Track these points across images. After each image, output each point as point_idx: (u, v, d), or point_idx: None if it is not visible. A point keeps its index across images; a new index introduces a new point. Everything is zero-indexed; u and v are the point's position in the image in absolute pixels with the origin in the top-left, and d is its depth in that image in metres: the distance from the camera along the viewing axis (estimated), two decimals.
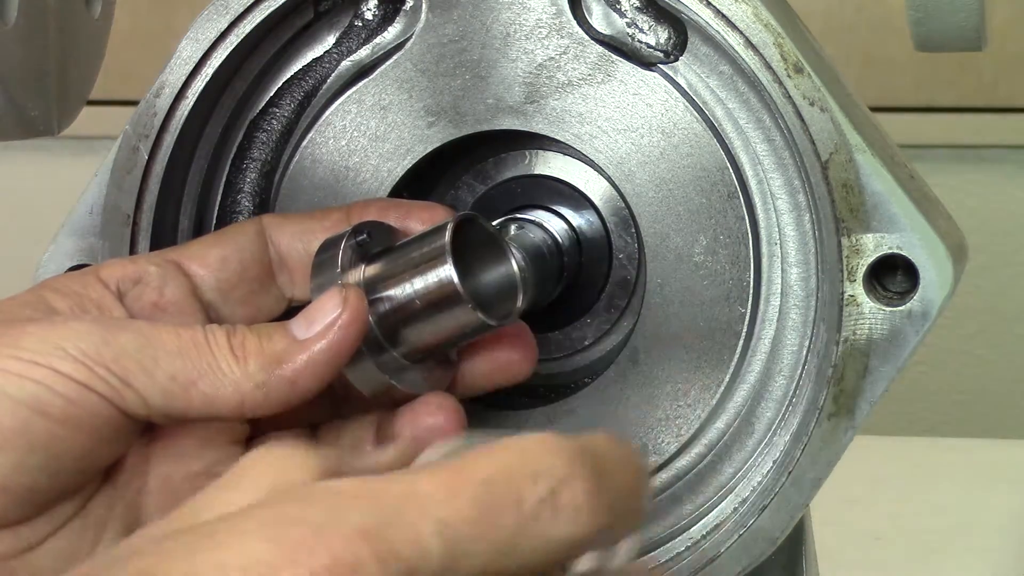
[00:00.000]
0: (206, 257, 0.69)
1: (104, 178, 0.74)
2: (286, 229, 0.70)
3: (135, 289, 0.67)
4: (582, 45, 0.72)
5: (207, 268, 0.69)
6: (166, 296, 0.67)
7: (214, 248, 0.69)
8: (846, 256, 0.68)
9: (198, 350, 0.62)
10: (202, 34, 0.73)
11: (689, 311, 0.73)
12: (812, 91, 0.68)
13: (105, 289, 0.66)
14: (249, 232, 0.70)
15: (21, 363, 0.60)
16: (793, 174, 0.71)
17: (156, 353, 0.61)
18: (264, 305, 0.70)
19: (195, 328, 0.63)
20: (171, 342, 0.62)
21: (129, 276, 0.67)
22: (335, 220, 0.70)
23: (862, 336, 0.68)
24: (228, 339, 0.62)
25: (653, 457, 0.73)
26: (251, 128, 0.77)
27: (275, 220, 0.71)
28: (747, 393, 0.73)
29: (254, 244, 0.70)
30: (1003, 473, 1.54)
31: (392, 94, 0.74)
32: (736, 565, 0.71)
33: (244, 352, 0.62)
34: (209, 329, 0.63)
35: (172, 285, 0.67)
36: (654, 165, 0.73)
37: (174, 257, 0.69)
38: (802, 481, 0.70)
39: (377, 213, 0.70)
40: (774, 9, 0.69)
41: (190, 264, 0.68)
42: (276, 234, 0.70)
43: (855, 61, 2.32)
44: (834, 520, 1.10)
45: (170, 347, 0.62)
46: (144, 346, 0.61)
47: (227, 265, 0.69)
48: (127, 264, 0.68)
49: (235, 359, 0.62)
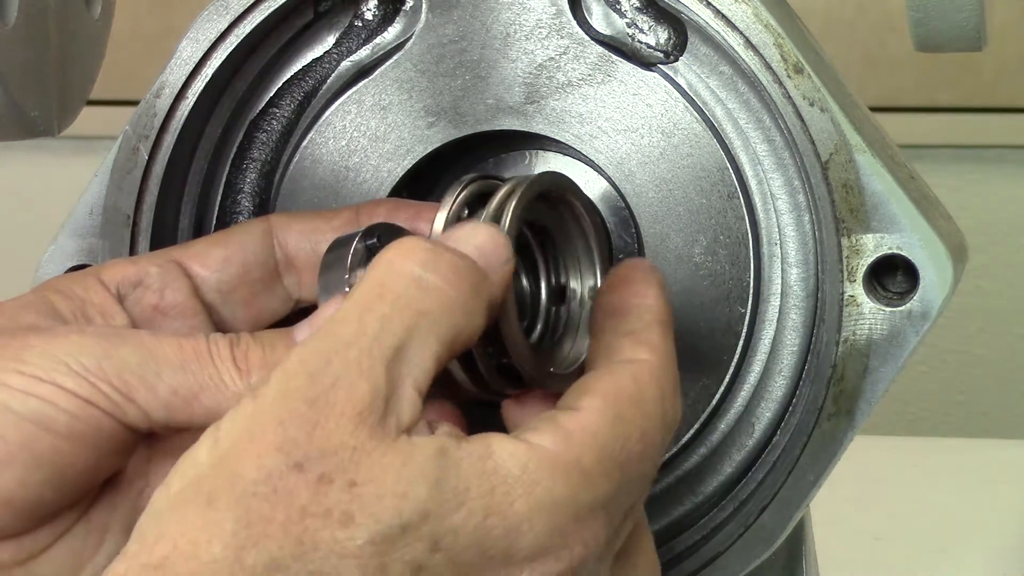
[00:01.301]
0: (208, 257, 0.68)
1: (104, 178, 0.74)
2: (294, 228, 0.70)
3: (135, 292, 0.67)
4: (582, 45, 0.72)
5: (208, 268, 0.68)
6: (166, 299, 0.67)
7: (216, 248, 0.69)
8: (846, 256, 0.68)
9: (200, 362, 0.61)
10: (202, 34, 0.73)
11: (689, 312, 0.73)
12: (812, 91, 0.68)
13: (106, 292, 0.66)
14: (255, 232, 0.70)
15: (25, 378, 0.60)
16: (793, 174, 0.71)
17: (158, 367, 0.61)
18: (268, 306, 0.70)
19: (198, 338, 0.62)
20: (173, 355, 0.61)
21: (130, 279, 0.67)
22: (345, 220, 0.70)
23: (862, 336, 0.68)
24: (231, 350, 0.62)
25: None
26: (251, 128, 0.77)
27: (283, 220, 0.70)
28: (747, 393, 0.73)
29: (259, 244, 0.69)
30: (1003, 473, 1.54)
31: (392, 94, 0.74)
32: (736, 565, 0.71)
33: (247, 364, 0.62)
34: (212, 339, 0.62)
35: (172, 287, 0.67)
36: (654, 165, 0.73)
37: (176, 257, 0.68)
38: (802, 481, 0.70)
39: (387, 214, 0.70)
40: (774, 9, 0.69)
41: (191, 264, 0.68)
42: (284, 234, 0.70)
43: (855, 61, 2.32)
44: (834, 520, 1.10)
45: (172, 360, 0.61)
46: (146, 360, 0.61)
47: (229, 266, 0.68)
48: (128, 266, 0.67)
49: (238, 371, 0.61)
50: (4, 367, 0.60)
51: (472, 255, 0.60)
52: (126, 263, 0.68)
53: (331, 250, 0.67)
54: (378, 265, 0.58)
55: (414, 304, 0.57)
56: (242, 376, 0.62)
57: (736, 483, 0.73)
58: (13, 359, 0.60)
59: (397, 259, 0.58)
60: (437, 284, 0.58)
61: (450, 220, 0.63)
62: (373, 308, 0.57)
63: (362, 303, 0.57)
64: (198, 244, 0.70)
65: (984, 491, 1.49)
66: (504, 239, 0.61)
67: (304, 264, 0.70)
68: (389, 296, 0.57)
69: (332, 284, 0.65)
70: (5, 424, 0.59)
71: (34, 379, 0.60)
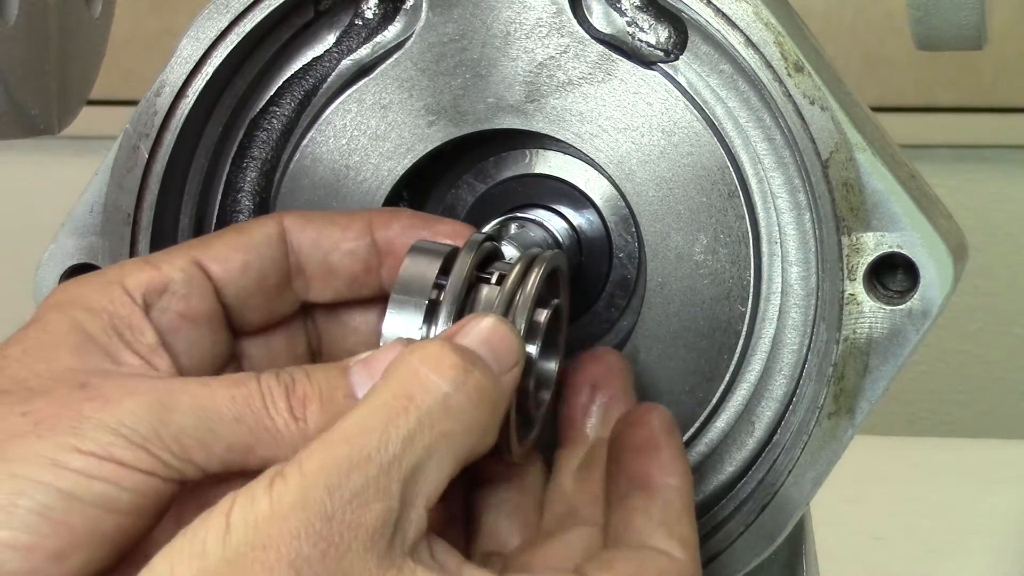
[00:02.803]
0: (229, 262, 0.67)
1: (104, 177, 0.74)
2: (307, 234, 0.69)
3: (162, 300, 0.65)
4: (582, 44, 0.72)
5: (229, 273, 0.67)
6: (192, 305, 0.66)
7: (237, 253, 0.67)
8: (846, 255, 0.68)
9: (255, 415, 0.60)
10: (202, 33, 0.73)
11: (689, 310, 0.73)
12: (812, 90, 0.68)
13: (132, 303, 0.64)
14: (272, 236, 0.68)
15: (85, 458, 0.58)
16: (793, 173, 0.71)
17: (214, 426, 0.60)
18: (278, 309, 0.69)
19: (249, 386, 0.61)
20: (227, 410, 0.60)
21: (155, 287, 0.65)
22: (358, 231, 0.69)
23: (862, 335, 0.68)
24: (287, 399, 0.61)
25: None
26: (251, 127, 0.77)
27: (297, 222, 0.69)
28: (747, 392, 0.73)
29: (276, 250, 0.68)
30: (1003, 473, 1.54)
31: (392, 93, 0.74)
32: (736, 564, 0.71)
33: (304, 412, 0.61)
34: (264, 386, 0.61)
35: (197, 293, 0.66)
36: (654, 164, 0.73)
37: (197, 258, 0.67)
38: (802, 481, 0.70)
39: (402, 230, 0.69)
40: (774, 8, 0.69)
41: (212, 267, 0.67)
42: (296, 238, 0.69)
43: (855, 61, 2.32)
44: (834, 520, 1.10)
45: (226, 416, 0.60)
46: (201, 420, 0.60)
47: (248, 272, 0.67)
48: (152, 272, 0.66)
49: (294, 420, 0.61)
50: (62, 444, 0.58)
51: (487, 357, 0.60)
52: (147, 267, 0.66)
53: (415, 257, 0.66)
54: (406, 372, 0.58)
55: (438, 425, 0.57)
56: (298, 424, 0.61)
57: (736, 482, 0.73)
58: (70, 433, 0.58)
59: (425, 370, 0.58)
60: (463, 406, 0.58)
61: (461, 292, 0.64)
62: (398, 423, 0.57)
63: (387, 414, 0.57)
64: (217, 246, 0.68)
65: (984, 491, 1.49)
66: (519, 342, 0.62)
67: (314, 272, 0.69)
68: (414, 412, 0.57)
69: (400, 327, 0.65)
70: (70, 512, 0.58)
71: (94, 458, 0.58)
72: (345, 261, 0.69)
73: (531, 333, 0.65)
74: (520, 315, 0.64)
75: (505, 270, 0.66)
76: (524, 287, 0.65)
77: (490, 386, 0.59)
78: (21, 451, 0.58)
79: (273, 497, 0.55)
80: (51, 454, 0.58)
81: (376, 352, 0.63)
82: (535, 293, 0.65)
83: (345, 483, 0.55)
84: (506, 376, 0.61)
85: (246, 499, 0.55)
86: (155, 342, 0.64)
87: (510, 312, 0.64)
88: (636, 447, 0.66)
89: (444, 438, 0.57)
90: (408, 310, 0.65)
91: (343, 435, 0.56)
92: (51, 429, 0.58)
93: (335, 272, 0.69)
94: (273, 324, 0.69)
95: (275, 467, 0.56)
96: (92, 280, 0.65)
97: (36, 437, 0.58)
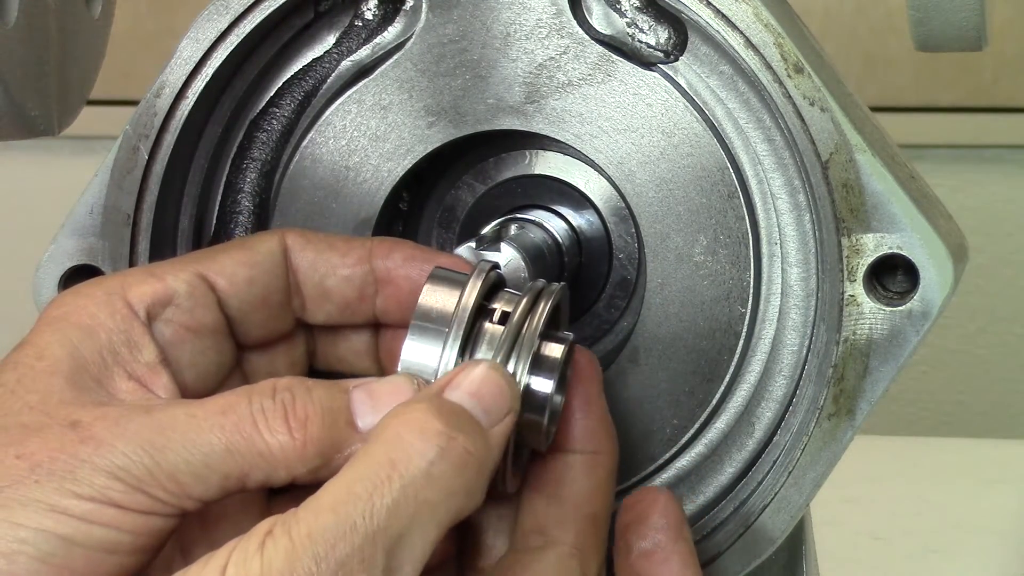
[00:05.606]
0: (235, 276, 0.67)
1: (104, 178, 0.74)
2: (306, 255, 0.69)
3: (165, 312, 0.65)
4: (582, 45, 0.72)
5: (234, 287, 0.67)
6: (196, 318, 0.65)
7: (242, 268, 0.67)
8: (846, 256, 0.68)
9: (247, 442, 0.60)
10: (202, 34, 0.73)
11: (689, 311, 0.73)
12: (812, 91, 0.68)
13: (134, 318, 0.64)
14: (275, 252, 0.68)
15: (83, 503, 0.58)
16: (793, 174, 0.71)
17: (206, 460, 0.60)
18: (276, 328, 0.69)
19: (239, 412, 0.61)
20: (217, 440, 0.60)
21: (160, 299, 0.65)
22: (357, 258, 0.69)
23: (862, 336, 0.68)
24: (286, 418, 0.61)
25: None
26: (251, 128, 0.77)
27: (298, 242, 0.69)
28: (747, 393, 0.73)
29: (279, 267, 0.68)
30: (1003, 473, 1.54)
31: (392, 94, 0.74)
32: (736, 565, 0.71)
33: (304, 433, 0.61)
34: (257, 409, 0.61)
35: (202, 306, 0.66)
36: (654, 165, 0.73)
37: (201, 271, 0.66)
38: (802, 481, 0.70)
39: (403, 261, 0.69)
40: (774, 9, 0.69)
41: (218, 279, 0.67)
42: (296, 258, 0.69)
43: (855, 61, 2.32)
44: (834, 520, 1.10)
45: (217, 448, 0.60)
46: (193, 456, 0.60)
47: (253, 288, 0.67)
48: (155, 283, 0.65)
49: (293, 439, 0.61)
50: (60, 490, 0.59)
51: (476, 411, 0.60)
52: (151, 279, 0.65)
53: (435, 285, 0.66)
54: (389, 438, 0.58)
55: (421, 494, 0.58)
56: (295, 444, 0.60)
57: (736, 483, 0.73)
58: (67, 477, 0.59)
59: (409, 437, 0.58)
60: (446, 473, 0.58)
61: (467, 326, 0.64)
62: (383, 492, 0.57)
63: (372, 482, 0.57)
64: (222, 259, 0.67)
65: (984, 491, 1.49)
66: (511, 391, 0.62)
67: (309, 293, 0.69)
68: (398, 481, 0.57)
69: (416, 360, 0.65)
70: (71, 557, 0.58)
71: (93, 503, 0.58)
72: (340, 287, 0.69)
73: (548, 368, 0.65)
74: (526, 350, 0.64)
75: (511, 300, 0.66)
76: (531, 321, 0.65)
77: (477, 447, 0.59)
78: (20, 497, 0.58)
79: (264, 560, 0.56)
80: (50, 500, 0.58)
81: (380, 381, 0.63)
82: (541, 326, 0.65)
83: (331, 553, 0.56)
84: (497, 428, 0.61)
85: (240, 556, 0.56)
86: (154, 359, 0.64)
87: (516, 347, 0.64)
88: (646, 553, 0.66)
89: (427, 506, 0.58)
90: (428, 337, 0.65)
91: (330, 502, 0.57)
92: (48, 474, 0.59)
93: (329, 296, 0.69)
94: (273, 340, 0.69)
95: (267, 522, 0.57)
96: (93, 291, 0.65)
97: (34, 482, 0.58)
